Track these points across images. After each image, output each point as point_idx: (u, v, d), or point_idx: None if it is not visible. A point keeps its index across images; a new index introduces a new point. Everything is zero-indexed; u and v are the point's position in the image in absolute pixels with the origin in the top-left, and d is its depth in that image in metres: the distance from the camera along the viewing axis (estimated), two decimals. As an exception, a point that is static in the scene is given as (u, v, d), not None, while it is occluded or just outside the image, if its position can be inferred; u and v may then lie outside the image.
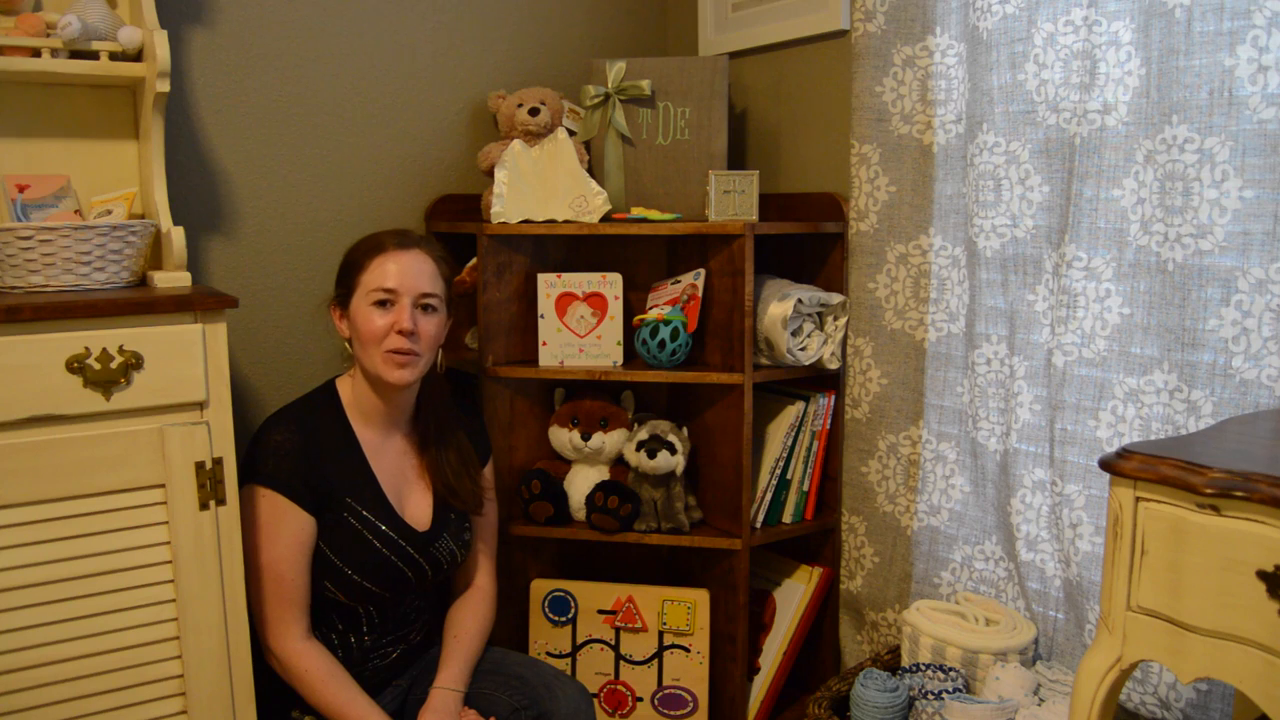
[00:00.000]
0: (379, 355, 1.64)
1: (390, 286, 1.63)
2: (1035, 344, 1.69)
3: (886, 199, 1.93)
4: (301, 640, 1.61)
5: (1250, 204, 1.37)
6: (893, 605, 2.01)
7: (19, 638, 1.41)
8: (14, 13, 1.68)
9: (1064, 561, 1.65)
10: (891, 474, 1.99)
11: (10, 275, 1.55)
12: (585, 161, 2.10)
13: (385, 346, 1.63)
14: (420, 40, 2.21)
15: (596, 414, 2.06)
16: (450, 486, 1.75)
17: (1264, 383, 1.37)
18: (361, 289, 1.65)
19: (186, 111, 1.97)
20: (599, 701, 2.07)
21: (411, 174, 2.23)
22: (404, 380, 1.65)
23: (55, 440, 1.40)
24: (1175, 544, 1.05)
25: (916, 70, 1.84)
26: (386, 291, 1.63)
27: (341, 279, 1.71)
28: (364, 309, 1.64)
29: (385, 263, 1.64)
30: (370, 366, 1.66)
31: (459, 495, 1.76)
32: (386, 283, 1.63)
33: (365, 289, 1.64)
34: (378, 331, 1.63)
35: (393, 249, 1.66)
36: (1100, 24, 1.52)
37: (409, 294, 1.64)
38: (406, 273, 1.64)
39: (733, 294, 1.93)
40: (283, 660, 1.60)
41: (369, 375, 1.68)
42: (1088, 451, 1.61)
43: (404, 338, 1.62)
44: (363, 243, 1.71)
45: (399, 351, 1.63)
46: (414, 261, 1.66)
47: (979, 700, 1.60)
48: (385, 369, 1.64)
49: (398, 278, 1.64)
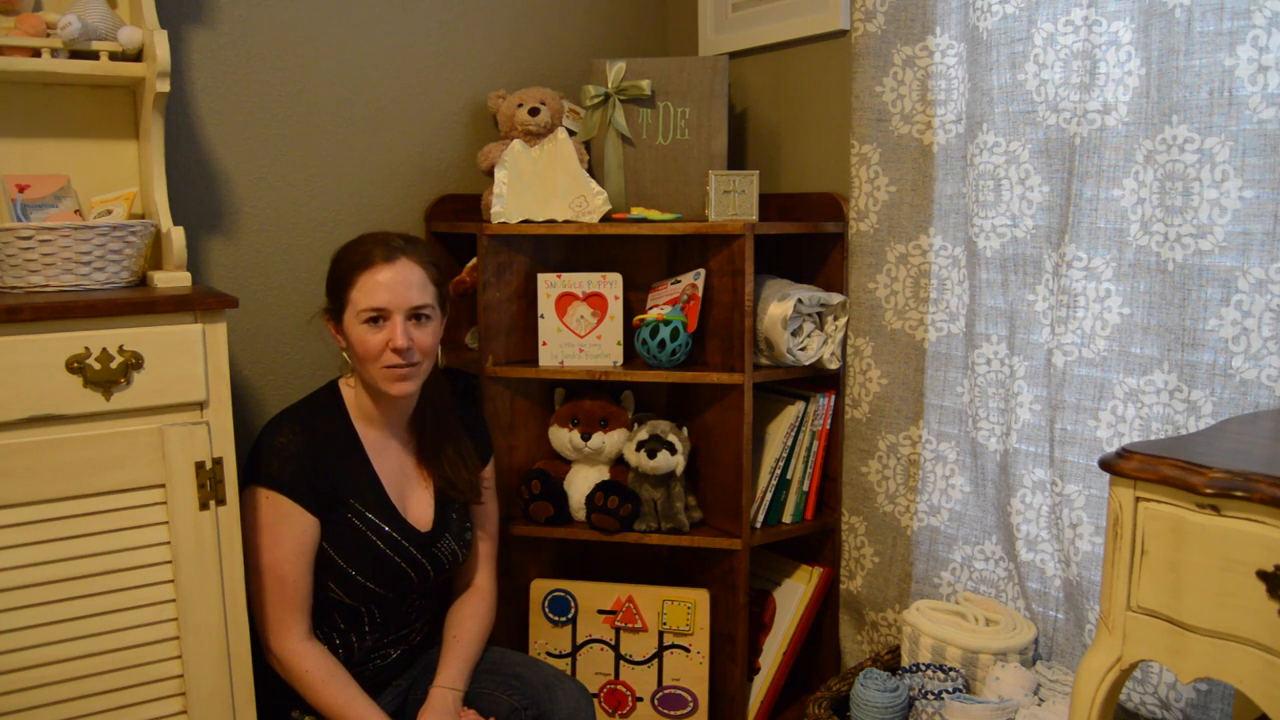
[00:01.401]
0: (378, 371, 1.63)
1: (380, 305, 1.61)
2: (1035, 344, 1.69)
3: (886, 199, 1.93)
4: (302, 641, 1.61)
5: (1250, 204, 1.37)
6: (893, 605, 2.01)
7: (19, 638, 1.41)
8: (14, 13, 1.68)
9: (1064, 561, 1.65)
10: (891, 474, 1.99)
11: (10, 275, 1.55)
12: (585, 161, 2.10)
13: (383, 363, 1.62)
14: (420, 40, 2.21)
15: (596, 414, 2.06)
16: (447, 478, 1.75)
17: (1264, 383, 1.37)
18: (352, 307, 1.63)
19: (186, 111, 1.97)
20: (599, 701, 2.07)
21: (411, 174, 2.23)
22: (405, 392, 1.65)
23: (55, 440, 1.40)
24: (1175, 544, 1.05)
25: (916, 70, 1.84)
26: (376, 310, 1.61)
27: (331, 292, 1.68)
28: (357, 327, 1.62)
29: (373, 279, 1.61)
30: (370, 380, 1.66)
31: (456, 486, 1.76)
32: (376, 302, 1.61)
33: (355, 308, 1.62)
34: (373, 350, 1.62)
35: (379, 263, 1.62)
36: (1100, 24, 1.52)
37: (400, 310, 1.61)
38: (395, 288, 1.61)
39: (733, 294, 1.93)
40: (283, 660, 1.60)
41: (369, 387, 1.68)
42: (1088, 451, 1.61)
43: (399, 354, 1.61)
44: (348, 254, 1.67)
45: (397, 366, 1.62)
46: (402, 273, 1.62)
47: (979, 700, 1.60)
48: (386, 384, 1.64)
49: (387, 295, 1.61)
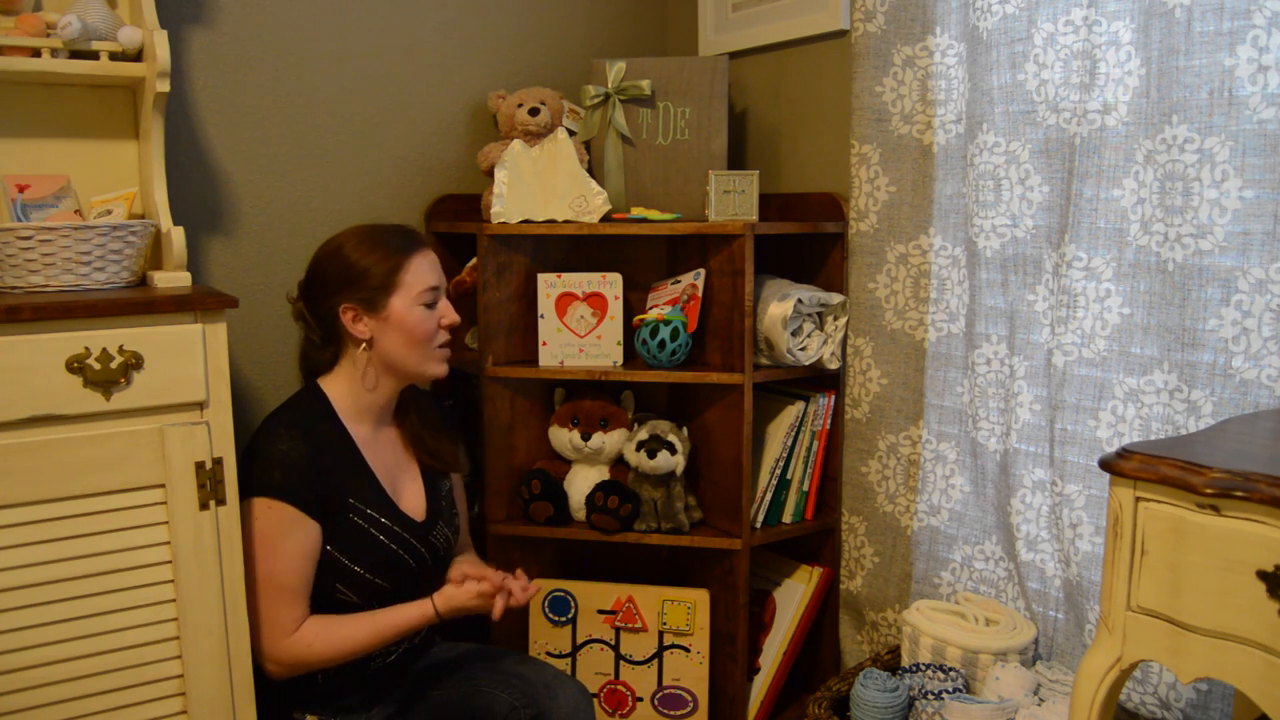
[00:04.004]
0: (430, 352, 1.68)
1: (435, 284, 1.68)
2: (1035, 344, 1.69)
3: (886, 199, 1.93)
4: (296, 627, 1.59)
5: (1250, 204, 1.37)
6: (893, 605, 2.01)
7: (19, 638, 1.41)
8: (14, 13, 1.68)
9: (1064, 561, 1.65)
10: (891, 474, 1.99)
11: (10, 275, 1.55)
12: (585, 161, 2.10)
13: (437, 342, 1.69)
14: (420, 40, 2.21)
15: (596, 414, 2.06)
16: (430, 449, 1.78)
17: (1264, 383, 1.37)
18: (405, 290, 1.64)
19: (186, 111, 1.97)
20: (599, 701, 2.07)
21: (411, 174, 2.23)
22: (445, 372, 1.72)
23: (55, 440, 1.40)
24: (1175, 544, 1.05)
25: (916, 70, 1.84)
26: (433, 290, 1.67)
27: (360, 282, 1.64)
28: (414, 310, 1.65)
29: (425, 260, 1.68)
30: (415, 365, 1.68)
31: (440, 457, 1.79)
32: (432, 281, 1.67)
33: (411, 290, 1.65)
34: (431, 330, 1.67)
35: (421, 247, 1.70)
36: (1100, 24, 1.52)
37: (444, 289, 1.71)
38: (437, 267, 1.70)
39: (733, 294, 1.93)
40: (286, 654, 1.58)
41: (403, 373, 1.69)
42: (1088, 451, 1.61)
43: (451, 331, 1.70)
44: (378, 243, 1.66)
45: (447, 344, 1.70)
46: (434, 255, 1.71)
47: (979, 700, 1.60)
48: (434, 366, 1.70)
49: (437, 274, 1.69)
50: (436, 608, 1.65)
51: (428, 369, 1.69)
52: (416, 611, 1.65)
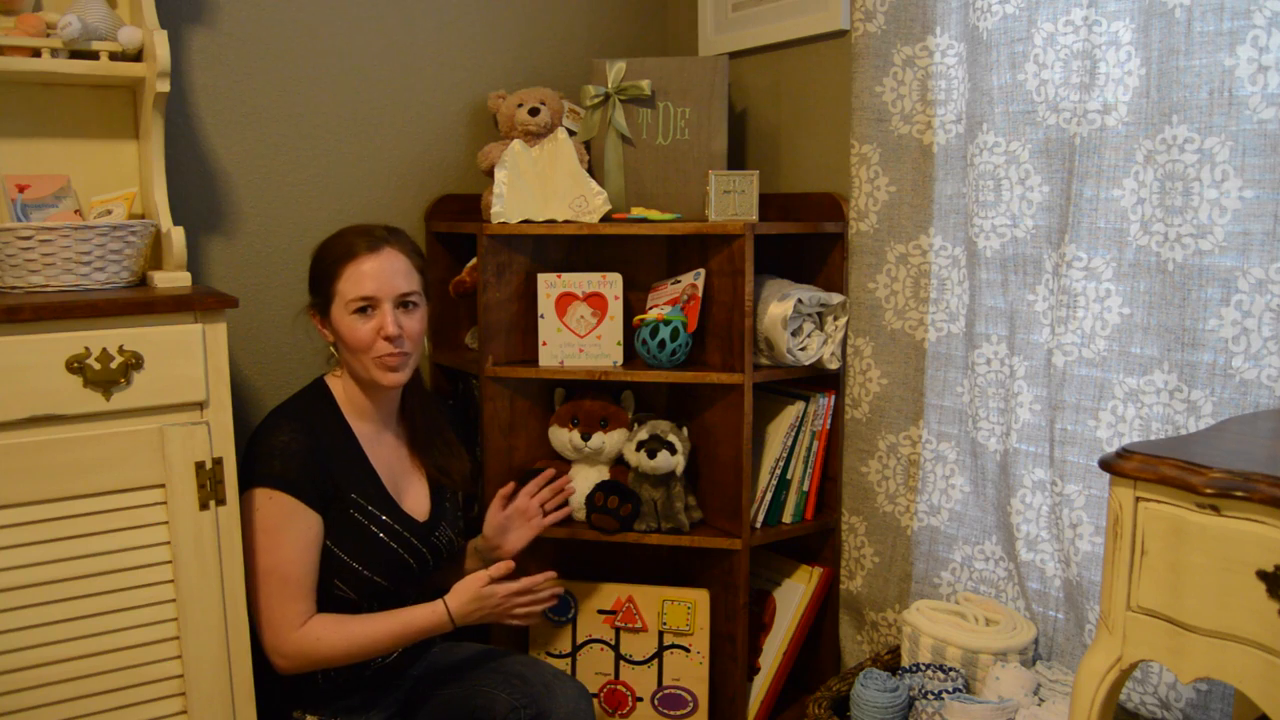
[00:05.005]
0: (369, 361, 1.64)
1: (368, 294, 1.62)
2: (1035, 344, 1.69)
3: (886, 199, 1.93)
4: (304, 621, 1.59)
5: (1250, 204, 1.37)
6: (893, 605, 2.01)
7: (19, 638, 1.41)
8: (14, 13, 1.68)
9: (1064, 561, 1.65)
10: (891, 474, 1.99)
11: (10, 275, 1.55)
12: (585, 161, 2.10)
13: (374, 353, 1.63)
14: (420, 40, 2.21)
15: (596, 414, 2.06)
16: (441, 466, 1.77)
17: (1264, 383, 1.37)
18: (339, 299, 1.64)
19: (186, 111, 1.97)
20: (599, 701, 2.07)
21: (411, 174, 2.23)
22: (398, 382, 1.66)
23: (55, 440, 1.40)
24: (1175, 544, 1.05)
25: (916, 70, 1.84)
26: (365, 299, 1.62)
27: (315, 286, 1.69)
28: (346, 318, 1.63)
29: (359, 268, 1.63)
30: (362, 372, 1.66)
31: (451, 474, 1.78)
32: (364, 290, 1.62)
33: (343, 299, 1.63)
34: (364, 340, 1.63)
35: (364, 253, 1.63)
36: (1100, 24, 1.52)
37: (388, 297, 1.63)
38: (381, 276, 1.63)
39: (733, 294, 1.93)
40: (294, 649, 1.58)
41: (360, 379, 1.68)
42: (1088, 451, 1.61)
43: (390, 343, 1.62)
44: (331, 247, 1.68)
45: (389, 355, 1.63)
46: (387, 262, 1.64)
47: (979, 700, 1.60)
48: (378, 374, 1.65)
49: (374, 283, 1.62)
50: (449, 608, 1.64)
51: (374, 376, 1.65)
52: (428, 612, 1.64)
